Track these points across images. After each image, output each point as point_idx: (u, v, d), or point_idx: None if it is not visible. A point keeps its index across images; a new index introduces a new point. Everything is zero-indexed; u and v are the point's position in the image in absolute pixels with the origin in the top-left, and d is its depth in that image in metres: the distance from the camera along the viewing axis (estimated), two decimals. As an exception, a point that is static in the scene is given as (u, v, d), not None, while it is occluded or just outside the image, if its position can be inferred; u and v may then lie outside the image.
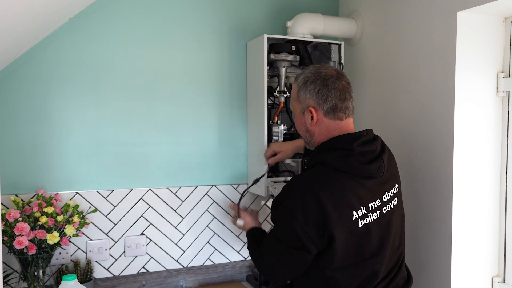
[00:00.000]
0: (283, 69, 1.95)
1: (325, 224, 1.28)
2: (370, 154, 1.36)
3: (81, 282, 1.76)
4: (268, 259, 1.40)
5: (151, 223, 1.98)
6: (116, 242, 1.93)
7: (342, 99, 1.39)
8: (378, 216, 1.37)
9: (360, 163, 1.33)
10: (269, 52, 1.92)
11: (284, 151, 1.84)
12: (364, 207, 1.33)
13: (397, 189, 1.46)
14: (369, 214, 1.34)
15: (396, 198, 1.45)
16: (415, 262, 1.78)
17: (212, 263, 2.09)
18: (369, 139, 1.39)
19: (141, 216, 1.96)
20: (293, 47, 1.93)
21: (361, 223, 1.33)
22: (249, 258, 2.16)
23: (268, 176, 1.93)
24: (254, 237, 1.59)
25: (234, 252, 2.13)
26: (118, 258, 1.93)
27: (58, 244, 1.64)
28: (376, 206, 1.37)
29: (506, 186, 1.70)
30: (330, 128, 1.41)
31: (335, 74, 1.40)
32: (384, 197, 1.39)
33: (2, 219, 1.57)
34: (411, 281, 1.50)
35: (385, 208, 1.39)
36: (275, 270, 1.39)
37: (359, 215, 1.33)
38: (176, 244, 2.02)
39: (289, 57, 1.93)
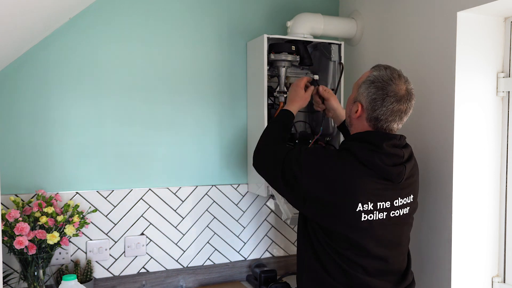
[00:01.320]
0: (283, 69, 1.95)
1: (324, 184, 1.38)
2: (395, 157, 1.37)
3: (81, 282, 1.76)
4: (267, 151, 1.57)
5: (151, 223, 1.98)
6: (116, 242, 1.93)
7: (388, 120, 1.39)
8: (384, 217, 1.38)
9: (383, 163, 1.35)
10: (269, 52, 1.92)
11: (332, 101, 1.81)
12: (372, 203, 1.36)
13: (412, 200, 1.47)
14: (375, 212, 1.36)
15: (408, 208, 1.45)
16: (415, 262, 1.78)
17: (212, 263, 2.09)
18: (400, 144, 1.41)
19: (141, 216, 1.96)
20: (293, 47, 1.93)
21: (364, 217, 1.36)
22: (249, 258, 2.16)
23: None
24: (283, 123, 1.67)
25: (234, 252, 2.13)
26: (118, 258, 1.93)
27: (58, 244, 1.64)
28: (384, 207, 1.38)
29: (506, 186, 1.70)
30: (363, 126, 1.44)
31: (400, 94, 1.37)
32: (396, 202, 1.40)
33: (2, 219, 1.57)
34: (413, 285, 1.53)
35: (393, 212, 1.41)
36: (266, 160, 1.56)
37: (364, 209, 1.35)
38: (176, 244, 2.02)
39: (289, 57, 1.93)
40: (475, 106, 1.65)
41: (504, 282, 1.71)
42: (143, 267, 1.97)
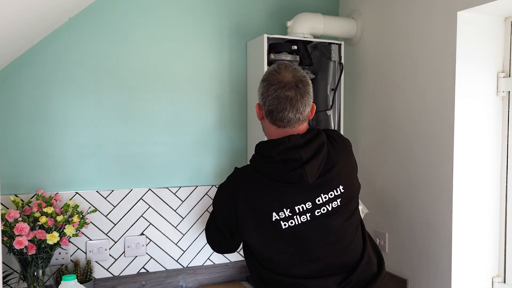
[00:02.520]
0: (283, 69, 1.94)
1: (237, 229, 1.40)
2: (291, 162, 1.33)
3: (81, 282, 1.76)
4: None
5: (151, 223, 1.98)
6: (116, 242, 1.93)
7: (278, 109, 1.36)
8: (308, 219, 1.36)
9: (281, 171, 1.33)
10: (269, 52, 1.92)
11: None
12: (288, 209, 1.34)
13: (343, 190, 1.39)
14: (295, 217, 1.35)
15: (339, 200, 1.39)
16: (415, 262, 1.78)
17: (212, 263, 2.09)
18: (293, 146, 1.34)
19: (141, 216, 1.96)
20: (294, 47, 1.93)
21: (285, 224, 1.35)
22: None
23: None
24: None
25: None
26: (118, 258, 1.93)
27: (57, 244, 1.64)
28: (305, 208, 1.36)
29: (507, 186, 1.70)
30: (270, 129, 1.43)
31: (284, 81, 1.36)
32: (318, 200, 1.36)
33: (1, 219, 1.57)
34: (381, 272, 1.46)
35: (318, 210, 1.37)
36: (208, 238, 1.59)
37: (281, 217, 1.34)
38: (176, 244, 2.02)
39: (289, 57, 1.93)
40: (475, 106, 1.65)
41: (504, 282, 1.71)
42: (143, 267, 1.97)
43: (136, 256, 1.96)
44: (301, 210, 1.35)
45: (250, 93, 2.08)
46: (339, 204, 1.39)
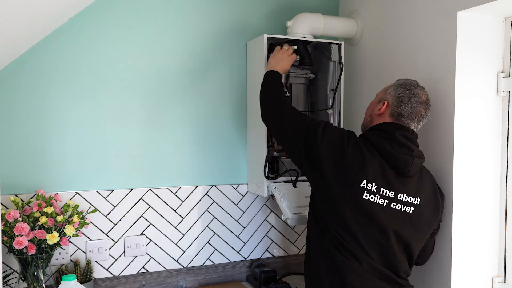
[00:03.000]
0: (283, 69, 1.95)
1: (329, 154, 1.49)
2: (404, 148, 1.48)
3: (81, 282, 1.76)
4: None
5: (151, 223, 1.98)
6: (116, 242, 1.93)
7: (409, 117, 1.54)
8: (384, 205, 1.45)
9: (393, 150, 1.46)
10: (269, 52, 1.92)
11: None
12: (376, 186, 1.45)
13: (419, 203, 1.50)
14: (376, 195, 1.45)
15: (412, 209, 1.48)
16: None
17: (212, 263, 2.09)
18: (411, 138, 1.52)
19: (141, 216, 1.96)
20: (294, 47, 1.93)
21: (366, 196, 1.44)
22: (249, 258, 2.16)
23: (268, 178, 1.93)
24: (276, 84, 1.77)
25: (234, 252, 2.13)
26: (118, 258, 1.93)
27: (57, 244, 1.64)
28: (387, 194, 1.46)
29: (507, 186, 1.70)
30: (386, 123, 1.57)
31: (422, 98, 1.55)
32: (400, 196, 1.47)
33: (1, 219, 1.57)
34: None
35: (394, 204, 1.47)
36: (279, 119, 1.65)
37: (368, 188, 1.45)
38: (176, 244, 2.02)
39: (289, 57, 1.93)
40: (475, 106, 1.65)
41: (505, 282, 1.71)
42: (143, 267, 1.97)
43: (136, 256, 1.96)
44: (383, 193, 1.46)
45: (250, 93, 2.08)
46: (410, 212, 1.49)
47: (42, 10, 1.50)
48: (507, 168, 1.70)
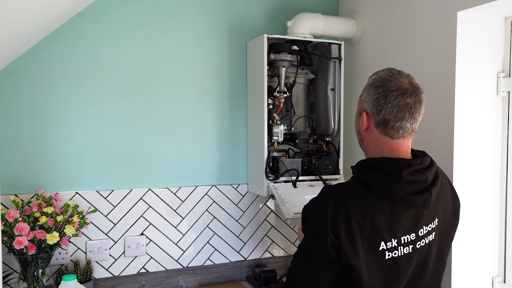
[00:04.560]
0: (283, 69, 1.95)
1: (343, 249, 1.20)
2: (418, 184, 1.23)
3: (81, 282, 1.76)
4: (293, 273, 1.29)
5: (151, 223, 1.98)
6: (116, 242, 1.93)
7: (397, 118, 1.24)
8: (410, 251, 1.25)
9: (406, 193, 1.21)
10: (269, 52, 1.92)
11: None
12: (396, 240, 1.23)
13: (436, 224, 1.31)
14: (399, 248, 1.24)
15: (433, 234, 1.30)
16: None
17: (212, 263, 2.09)
18: (422, 168, 1.25)
19: (141, 216, 1.96)
20: (294, 47, 1.93)
21: (389, 255, 1.23)
22: (249, 258, 2.16)
23: (268, 178, 1.93)
24: None
25: (234, 252, 2.13)
26: (118, 258, 1.93)
27: (57, 244, 1.64)
28: (409, 240, 1.25)
29: (507, 186, 1.70)
30: (379, 141, 1.29)
31: (403, 87, 1.25)
32: (421, 232, 1.27)
33: (2, 219, 1.57)
34: None
35: (419, 243, 1.27)
36: (299, 284, 1.27)
37: (388, 247, 1.22)
38: (176, 244, 2.02)
39: (289, 57, 1.93)
40: (475, 106, 1.65)
41: (505, 282, 1.71)
42: (143, 267, 1.97)
43: (136, 256, 1.96)
44: (406, 241, 1.24)
45: (250, 93, 2.08)
46: (433, 238, 1.30)
47: (42, 10, 1.50)
48: (507, 168, 1.70)
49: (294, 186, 1.92)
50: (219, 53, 2.07)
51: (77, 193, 1.86)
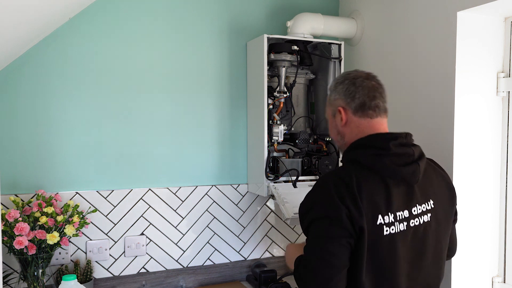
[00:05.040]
0: (283, 69, 1.95)
1: (358, 215, 1.21)
2: (406, 157, 1.29)
3: (81, 282, 1.76)
4: (306, 262, 1.27)
5: (151, 223, 1.98)
6: (116, 242, 1.93)
7: (370, 97, 1.35)
8: (405, 228, 1.27)
9: (395, 164, 1.27)
10: (269, 52, 1.92)
11: None
12: (392, 215, 1.25)
13: (433, 206, 1.34)
14: (395, 223, 1.25)
15: (429, 215, 1.32)
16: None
17: (212, 263, 2.09)
18: (407, 143, 1.33)
19: (141, 216, 1.96)
20: (294, 47, 1.93)
21: (386, 230, 1.24)
22: (249, 258, 2.16)
23: (268, 178, 1.93)
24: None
25: (234, 252, 2.13)
26: (118, 258, 1.93)
27: (58, 244, 1.64)
28: (403, 217, 1.27)
29: (506, 186, 1.70)
30: (361, 126, 1.36)
31: (364, 75, 1.39)
32: (414, 210, 1.30)
33: (2, 219, 1.57)
34: None
35: (412, 221, 1.29)
36: (316, 270, 1.24)
37: (385, 221, 1.24)
38: (176, 244, 2.02)
39: (289, 57, 1.93)
40: (475, 106, 1.65)
41: (505, 282, 1.71)
42: (143, 267, 1.97)
43: (136, 256, 1.96)
44: (400, 217, 1.27)
45: (250, 93, 2.08)
46: (429, 220, 1.33)
47: (42, 10, 1.50)
48: (507, 168, 1.70)
49: (294, 186, 1.92)
50: (219, 53, 2.07)
51: (77, 193, 1.86)
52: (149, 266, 1.98)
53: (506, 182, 1.70)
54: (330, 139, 2.08)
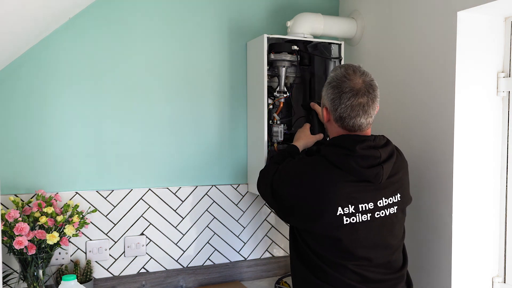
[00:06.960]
0: (283, 69, 1.95)
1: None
2: (371, 159, 1.38)
3: (81, 282, 1.76)
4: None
5: (151, 223, 1.98)
6: (116, 242, 1.93)
7: (351, 116, 1.40)
8: (368, 218, 1.40)
9: (359, 166, 1.37)
10: (269, 52, 1.92)
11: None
12: (353, 206, 1.38)
13: (400, 198, 1.47)
14: (357, 214, 1.39)
15: (396, 207, 1.46)
16: (415, 262, 1.77)
17: (212, 263, 2.09)
18: (376, 145, 1.41)
19: (141, 216, 1.96)
20: (295, 47, 1.93)
21: (346, 220, 1.38)
22: (249, 258, 2.16)
23: None
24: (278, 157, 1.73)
25: (234, 252, 2.13)
26: (118, 258, 1.93)
27: (57, 244, 1.64)
28: (367, 208, 1.40)
29: (507, 186, 1.70)
30: (339, 132, 1.47)
31: (356, 88, 1.39)
32: (380, 202, 1.42)
33: (2, 219, 1.57)
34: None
35: (378, 213, 1.42)
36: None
37: (345, 212, 1.37)
38: (176, 244, 2.02)
39: (289, 57, 1.93)
40: (476, 106, 1.65)
41: (505, 282, 1.71)
42: (143, 267, 1.97)
43: (136, 256, 1.96)
44: (364, 209, 1.39)
45: (250, 93, 2.08)
46: (395, 211, 1.46)
47: (41, 10, 1.50)
48: (507, 168, 1.70)
49: (294, 186, 1.92)
50: (219, 53, 2.07)
51: (77, 193, 1.86)
52: (149, 266, 1.98)
53: (506, 182, 1.70)
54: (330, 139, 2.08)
